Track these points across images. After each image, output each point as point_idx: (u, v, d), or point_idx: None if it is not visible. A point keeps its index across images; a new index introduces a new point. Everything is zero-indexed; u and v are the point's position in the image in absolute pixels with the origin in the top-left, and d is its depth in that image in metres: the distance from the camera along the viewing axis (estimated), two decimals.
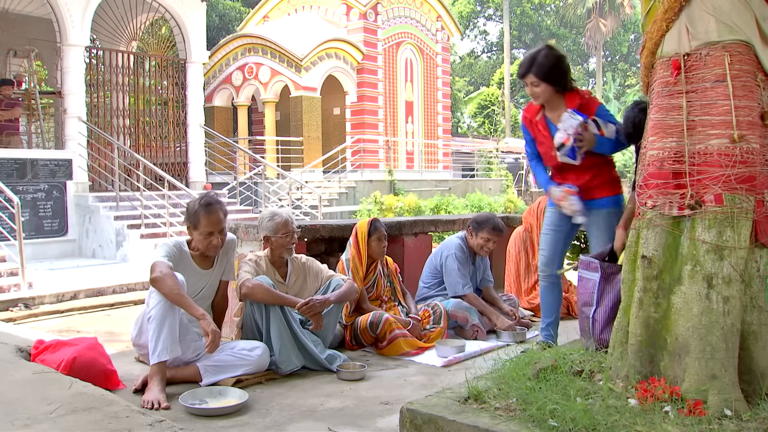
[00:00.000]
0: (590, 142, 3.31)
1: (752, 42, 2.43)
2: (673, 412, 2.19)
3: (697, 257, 2.40)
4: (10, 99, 10.49)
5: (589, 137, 3.30)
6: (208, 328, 3.07)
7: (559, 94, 3.41)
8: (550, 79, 3.35)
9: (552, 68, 3.35)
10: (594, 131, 3.33)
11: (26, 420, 2.30)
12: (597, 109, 3.41)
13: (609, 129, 3.36)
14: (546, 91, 3.38)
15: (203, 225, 3.27)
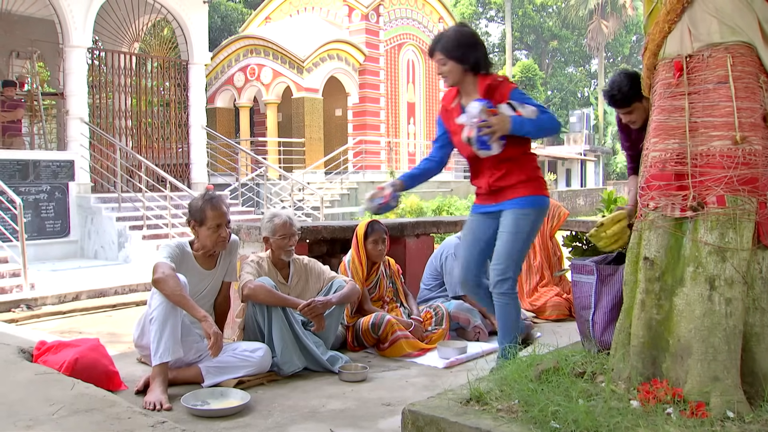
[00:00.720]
0: (502, 126, 2.91)
1: (754, 43, 2.43)
2: (675, 414, 2.19)
3: (700, 259, 2.40)
4: (12, 100, 10.52)
5: (499, 121, 2.92)
6: (210, 330, 3.07)
7: (471, 76, 3.08)
8: (457, 56, 3.03)
9: (459, 44, 3.02)
10: (508, 113, 2.96)
11: (28, 421, 2.30)
12: (510, 93, 3.03)
13: (527, 110, 2.98)
14: (454, 70, 3.05)
15: (210, 218, 3.28)
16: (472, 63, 3.04)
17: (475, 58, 3.04)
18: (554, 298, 5.01)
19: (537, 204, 3.12)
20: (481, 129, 2.92)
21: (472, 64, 3.04)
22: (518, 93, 3.05)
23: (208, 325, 3.09)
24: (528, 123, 2.96)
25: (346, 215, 15.00)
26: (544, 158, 31.18)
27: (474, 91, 3.08)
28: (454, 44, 3.03)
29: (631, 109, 3.25)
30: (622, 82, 3.23)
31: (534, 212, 3.11)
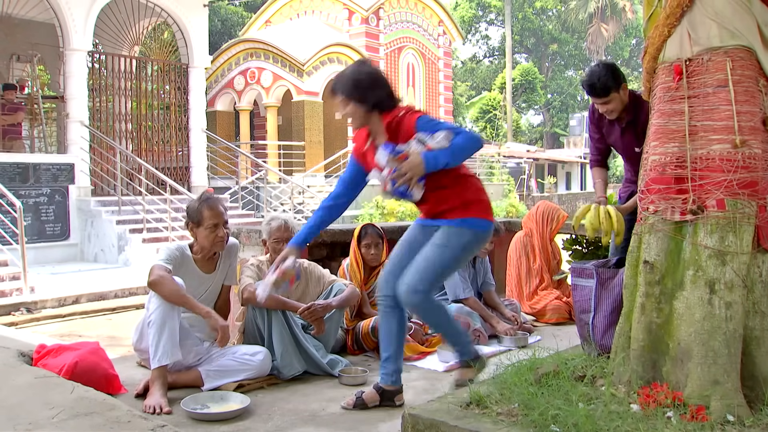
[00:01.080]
0: (415, 170, 2.65)
1: (754, 47, 2.44)
2: (676, 418, 2.19)
3: (700, 262, 2.40)
4: (12, 103, 10.53)
5: (411, 166, 2.64)
6: (216, 324, 3.09)
7: (376, 116, 2.84)
8: (356, 97, 2.80)
9: (357, 85, 2.80)
10: (418, 149, 2.69)
11: (28, 425, 2.29)
12: (416, 125, 2.76)
13: (436, 139, 2.70)
14: (356, 112, 2.83)
15: (207, 218, 3.28)
16: (372, 103, 2.81)
17: (376, 97, 2.81)
18: (554, 301, 5.01)
19: (474, 225, 2.84)
20: (396, 180, 2.68)
21: (373, 104, 2.81)
22: (424, 122, 2.78)
23: (213, 320, 3.10)
24: (442, 155, 2.68)
25: (346, 218, 15.00)
26: (544, 161, 31.22)
27: (381, 131, 2.86)
28: (352, 85, 2.81)
29: (609, 99, 3.31)
30: (601, 72, 3.29)
31: (469, 232, 2.83)
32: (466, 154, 2.77)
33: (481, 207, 2.89)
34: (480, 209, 2.88)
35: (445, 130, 2.73)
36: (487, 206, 2.93)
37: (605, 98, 3.31)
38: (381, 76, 2.87)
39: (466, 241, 2.84)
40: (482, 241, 2.93)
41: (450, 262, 2.85)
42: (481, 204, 2.90)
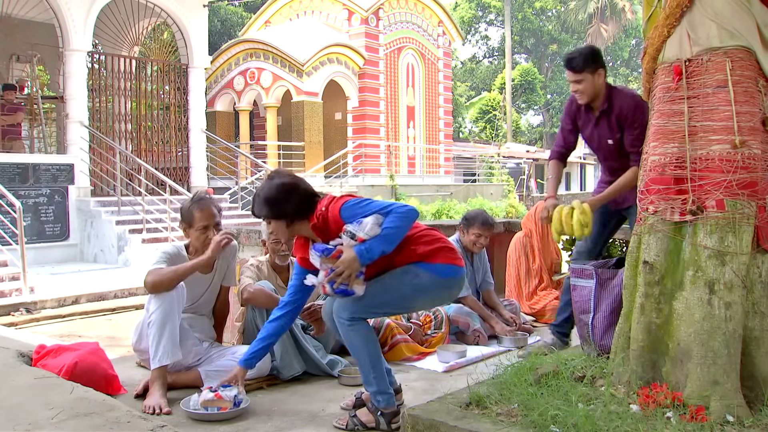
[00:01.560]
0: (351, 267, 2.54)
1: (753, 48, 2.44)
2: (675, 418, 2.19)
3: (699, 263, 2.40)
4: (12, 104, 10.52)
5: (346, 264, 2.54)
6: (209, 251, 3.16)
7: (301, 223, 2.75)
8: (274, 215, 2.73)
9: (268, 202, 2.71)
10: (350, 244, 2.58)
11: (27, 425, 2.29)
12: (341, 214, 2.65)
13: (365, 229, 2.56)
14: (279, 228, 2.75)
15: (197, 220, 3.26)
16: (290, 214, 2.72)
17: (292, 208, 2.71)
18: (554, 301, 5.00)
19: (431, 269, 2.72)
20: (334, 281, 2.56)
21: (291, 215, 2.72)
22: (347, 210, 2.66)
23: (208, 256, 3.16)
24: (376, 245, 2.55)
25: None
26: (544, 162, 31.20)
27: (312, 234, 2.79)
28: (265, 205, 2.73)
29: (582, 77, 3.41)
30: (582, 49, 3.49)
31: (426, 275, 2.71)
32: (401, 233, 2.61)
33: (443, 254, 2.75)
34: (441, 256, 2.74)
35: (373, 214, 2.58)
36: (447, 252, 2.76)
37: (578, 74, 3.42)
38: (291, 185, 2.74)
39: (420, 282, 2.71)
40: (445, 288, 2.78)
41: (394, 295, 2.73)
42: (441, 252, 2.75)
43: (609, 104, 3.46)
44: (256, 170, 14.78)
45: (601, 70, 3.44)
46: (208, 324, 3.51)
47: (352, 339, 2.70)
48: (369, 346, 2.71)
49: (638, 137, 3.39)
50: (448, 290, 2.83)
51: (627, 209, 3.66)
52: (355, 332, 2.68)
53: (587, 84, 3.43)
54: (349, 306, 2.67)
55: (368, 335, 2.72)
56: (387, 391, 2.71)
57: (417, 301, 2.82)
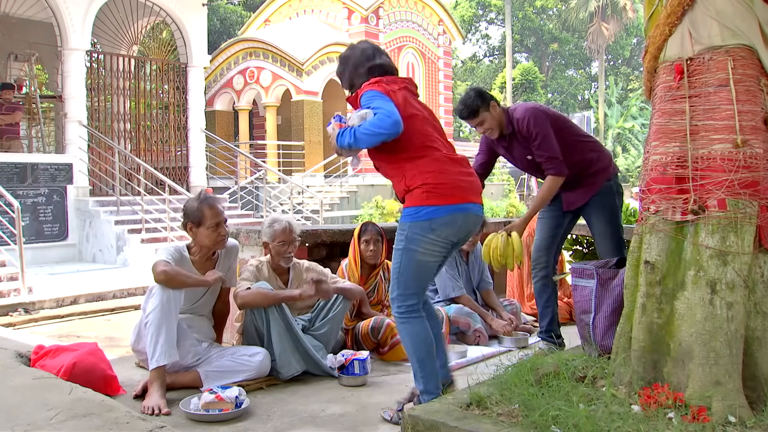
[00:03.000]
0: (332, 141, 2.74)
1: (755, 46, 2.42)
2: (677, 419, 2.18)
3: (701, 263, 2.39)
4: (10, 103, 10.51)
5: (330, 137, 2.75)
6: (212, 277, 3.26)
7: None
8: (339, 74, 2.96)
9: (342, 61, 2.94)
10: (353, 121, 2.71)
11: (26, 426, 2.28)
12: (361, 99, 2.75)
13: (353, 116, 2.71)
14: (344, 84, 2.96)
15: (209, 217, 3.26)
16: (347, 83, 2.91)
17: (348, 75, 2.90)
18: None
19: (408, 217, 2.66)
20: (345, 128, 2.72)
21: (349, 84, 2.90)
22: (364, 97, 2.72)
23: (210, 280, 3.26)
24: (347, 135, 2.63)
25: (345, 219, 14.99)
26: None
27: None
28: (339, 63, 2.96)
29: (481, 119, 3.58)
30: (467, 96, 3.59)
31: (406, 225, 2.66)
32: (371, 139, 2.59)
33: (417, 194, 2.64)
34: (416, 196, 2.65)
35: (366, 109, 2.65)
36: (425, 191, 2.63)
37: (476, 119, 3.59)
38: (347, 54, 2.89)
39: (405, 237, 2.65)
40: (423, 229, 2.63)
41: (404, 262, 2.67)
42: (418, 190, 2.64)
43: (512, 126, 3.63)
44: (255, 170, 14.78)
45: (493, 102, 3.61)
46: (207, 324, 3.50)
47: (402, 335, 2.74)
48: (416, 344, 2.69)
49: (540, 146, 3.58)
50: (436, 231, 2.64)
51: (582, 208, 3.73)
52: (405, 328, 2.70)
53: (489, 121, 3.61)
54: (391, 292, 2.72)
55: (418, 332, 2.69)
56: (432, 391, 2.69)
57: (418, 260, 2.67)
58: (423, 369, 2.70)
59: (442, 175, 2.67)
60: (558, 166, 3.56)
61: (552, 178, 3.58)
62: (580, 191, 3.72)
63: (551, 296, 3.89)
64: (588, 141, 3.80)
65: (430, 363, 2.71)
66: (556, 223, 3.85)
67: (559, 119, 3.70)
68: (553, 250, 3.89)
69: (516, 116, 3.61)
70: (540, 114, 3.59)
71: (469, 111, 3.57)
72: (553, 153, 3.55)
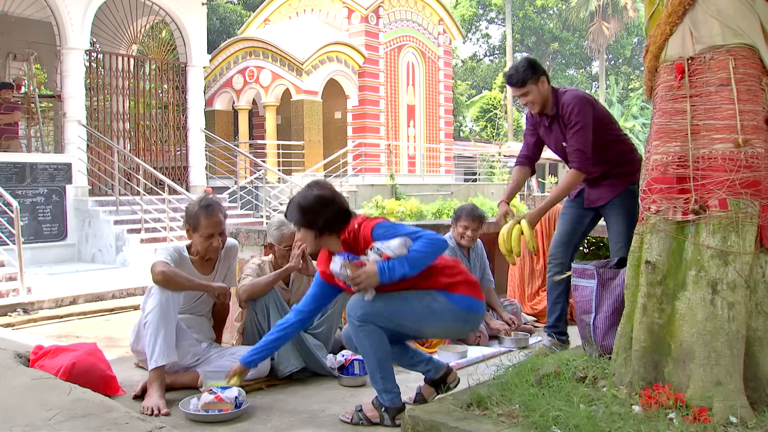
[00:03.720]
0: (369, 281, 2.62)
1: (757, 46, 2.42)
2: (678, 419, 2.18)
3: (702, 263, 2.38)
4: (9, 102, 10.49)
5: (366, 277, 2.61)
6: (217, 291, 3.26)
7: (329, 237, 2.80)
8: (304, 223, 2.78)
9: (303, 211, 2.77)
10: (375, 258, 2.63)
11: (25, 426, 2.27)
12: (373, 232, 2.69)
13: (392, 247, 2.62)
14: (307, 237, 2.81)
15: (203, 227, 3.25)
16: (320, 226, 2.76)
17: (324, 220, 2.75)
18: None
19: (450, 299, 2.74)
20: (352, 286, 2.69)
21: (321, 227, 2.76)
22: (380, 229, 2.70)
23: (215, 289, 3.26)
24: (399, 265, 2.59)
25: None
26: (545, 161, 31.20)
27: (339, 249, 2.82)
28: (298, 212, 2.78)
29: (526, 89, 3.52)
30: (519, 64, 3.55)
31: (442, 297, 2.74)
32: (427, 260, 2.64)
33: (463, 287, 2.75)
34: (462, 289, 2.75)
35: (403, 236, 2.62)
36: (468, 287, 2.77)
37: (522, 89, 3.53)
38: (327, 198, 2.79)
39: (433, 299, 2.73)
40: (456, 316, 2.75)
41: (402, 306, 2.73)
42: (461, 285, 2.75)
43: (557, 108, 3.57)
44: (255, 169, 14.76)
45: (543, 78, 3.54)
46: (207, 324, 3.50)
47: (360, 339, 2.73)
48: (376, 347, 2.72)
49: (574, 135, 3.50)
50: (463, 323, 2.82)
51: (603, 207, 3.70)
52: (364, 333, 2.71)
53: (534, 94, 3.55)
54: (362, 307, 2.69)
55: (377, 338, 2.72)
56: (392, 390, 2.75)
57: (429, 324, 2.78)
58: (382, 369, 2.74)
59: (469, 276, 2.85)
60: (583, 162, 3.49)
61: (574, 172, 3.51)
62: (604, 190, 3.65)
63: (562, 293, 3.85)
64: (625, 143, 3.74)
65: (387, 363, 2.76)
66: (578, 220, 3.80)
67: (603, 115, 3.63)
68: (571, 247, 3.82)
69: (563, 100, 3.54)
70: (587, 104, 3.52)
71: (518, 79, 3.50)
72: (583, 146, 3.48)
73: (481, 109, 32.60)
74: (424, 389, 2.97)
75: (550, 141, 3.72)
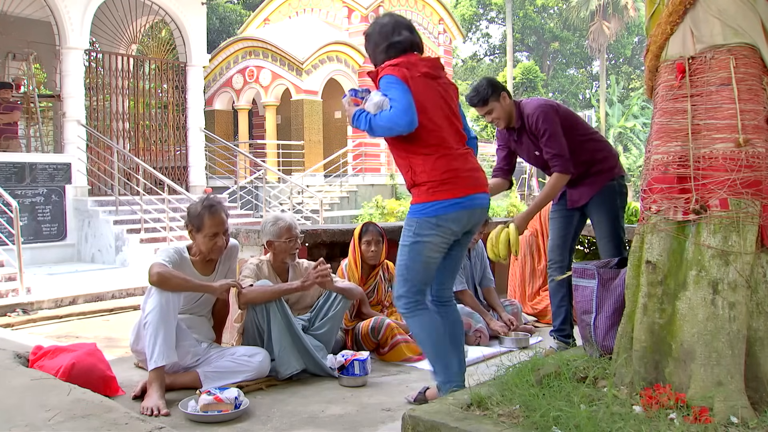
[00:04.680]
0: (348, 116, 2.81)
1: (758, 45, 2.41)
2: (679, 420, 2.17)
3: (703, 262, 2.38)
4: (8, 102, 10.49)
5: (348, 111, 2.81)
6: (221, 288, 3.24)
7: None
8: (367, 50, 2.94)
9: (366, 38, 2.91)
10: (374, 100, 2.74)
11: (24, 427, 2.27)
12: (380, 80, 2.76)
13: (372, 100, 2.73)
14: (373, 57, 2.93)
15: (208, 226, 3.25)
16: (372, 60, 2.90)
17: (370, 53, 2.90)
18: None
19: (412, 213, 2.74)
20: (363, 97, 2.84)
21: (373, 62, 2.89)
22: (382, 81, 2.73)
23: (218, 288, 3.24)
24: (362, 121, 2.71)
25: (345, 218, 14.98)
26: None
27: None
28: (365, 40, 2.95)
29: (490, 108, 3.60)
30: (479, 84, 3.62)
31: (413, 222, 2.72)
32: (385, 132, 2.69)
33: (422, 190, 2.71)
34: (420, 192, 2.71)
35: (383, 97, 2.68)
36: (432, 186, 2.69)
37: (485, 107, 3.61)
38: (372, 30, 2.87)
39: (411, 233, 2.72)
40: (428, 225, 2.69)
41: (409, 258, 2.74)
42: (423, 186, 2.71)
43: (522, 120, 3.65)
44: (254, 169, 14.76)
45: (504, 93, 3.61)
46: (207, 325, 3.49)
47: (413, 328, 2.83)
48: (429, 332, 2.79)
49: (547, 143, 3.56)
50: (442, 227, 2.71)
51: (585, 206, 3.74)
52: (414, 321, 2.79)
53: (498, 111, 3.63)
54: (397, 290, 2.79)
55: (427, 324, 2.78)
56: (453, 380, 2.78)
57: (424, 254, 2.73)
58: (439, 359, 2.80)
59: (448, 172, 2.71)
60: (564, 164, 3.54)
61: (557, 175, 3.56)
62: (582, 189, 3.71)
63: (565, 296, 3.86)
64: (597, 140, 3.79)
65: (444, 351, 2.80)
66: (566, 222, 3.85)
67: (569, 117, 3.69)
68: (567, 249, 3.86)
69: (526, 111, 3.61)
70: (550, 111, 3.57)
71: (479, 99, 3.58)
72: (559, 150, 3.54)
73: None
74: (429, 392, 2.96)
75: (523, 152, 3.80)
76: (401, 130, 2.64)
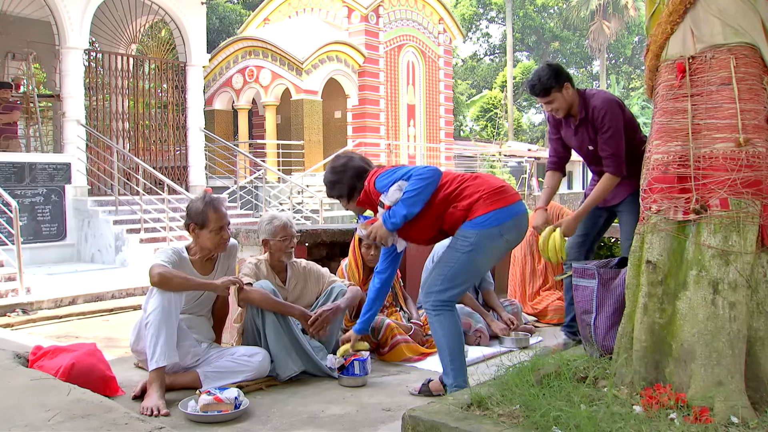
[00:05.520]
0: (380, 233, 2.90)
1: (758, 45, 2.41)
2: (679, 419, 2.17)
3: (703, 262, 2.38)
4: (8, 102, 10.47)
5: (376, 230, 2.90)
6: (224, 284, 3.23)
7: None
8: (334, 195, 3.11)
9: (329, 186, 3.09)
10: (381, 211, 2.90)
11: (24, 427, 2.27)
12: (375, 186, 2.92)
13: (390, 196, 2.85)
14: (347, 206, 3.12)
15: (213, 221, 3.25)
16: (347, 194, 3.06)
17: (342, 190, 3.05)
18: (556, 302, 4.98)
19: (476, 225, 2.85)
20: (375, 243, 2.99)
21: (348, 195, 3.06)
22: (379, 182, 2.92)
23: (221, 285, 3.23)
24: (398, 209, 2.81)
25: (345, 218, 14.97)
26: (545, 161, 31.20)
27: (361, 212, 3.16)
28: (328, 187, 3.11)
29: (551, 98, 3.45)
30: (542, 72, 3.45)
31: (472, 234, 2.84)
32: (422, 197, 2.81)
33: (478, 206, 2.85)
34: (478, 208, 2.85)
35: (397, 180, 2.82)
36: (485, 203, 2.85)
37: (546, 98, 3.46)
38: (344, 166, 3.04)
39: (471, 242, 2.84)
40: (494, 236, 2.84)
41: (461, 263, 2.87)
42: (477, 204, 2.86)
43: (585, 111, 3.50)
44: (254, 169, 14.74)
45: (567, 83, 3.46)
46: (207, 325, 3.49)
47: (435, 328, 2.90)
48: (450, 335, 2.88)
49: (608, 141, 3.44)
50: (504, 237, 2.86)
51: (617, 206, 3.68)
52: (439, 320, 2.87)
53: (559, 102, 3.48)
54: (427, 289, 2.89)
55: (451, 327, 2.88)
56: (463, 385, 2.85)
57: (478, 262, 2.88)
58: (454, 361, 2.88)
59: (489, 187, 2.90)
60: (618, 166, 3.44)
61: (608, 176, 3.46)
62: (619, 188, 3.60)
63: None
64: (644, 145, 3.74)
65: (460, 356, 2.90)
66: (593, 221, 3.77)
67: (632, 121, 3.58)
68: (585, 248, 3.82)
69: (593, 103, 3.46)
70: (618, 109, 3.46)
71: (542, 88, 3.44)
72: (617, 151, 3.42)
73: (481, 109, 32.58)
74: (432, 384, 3.04)
75: (575, 143, 3.66)
76: (435, 178, 2.83)
